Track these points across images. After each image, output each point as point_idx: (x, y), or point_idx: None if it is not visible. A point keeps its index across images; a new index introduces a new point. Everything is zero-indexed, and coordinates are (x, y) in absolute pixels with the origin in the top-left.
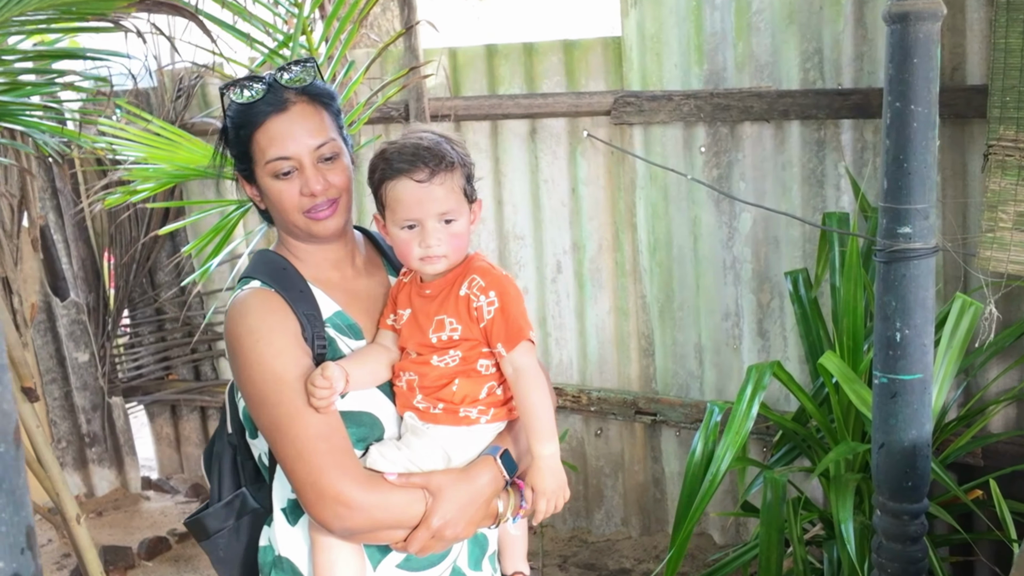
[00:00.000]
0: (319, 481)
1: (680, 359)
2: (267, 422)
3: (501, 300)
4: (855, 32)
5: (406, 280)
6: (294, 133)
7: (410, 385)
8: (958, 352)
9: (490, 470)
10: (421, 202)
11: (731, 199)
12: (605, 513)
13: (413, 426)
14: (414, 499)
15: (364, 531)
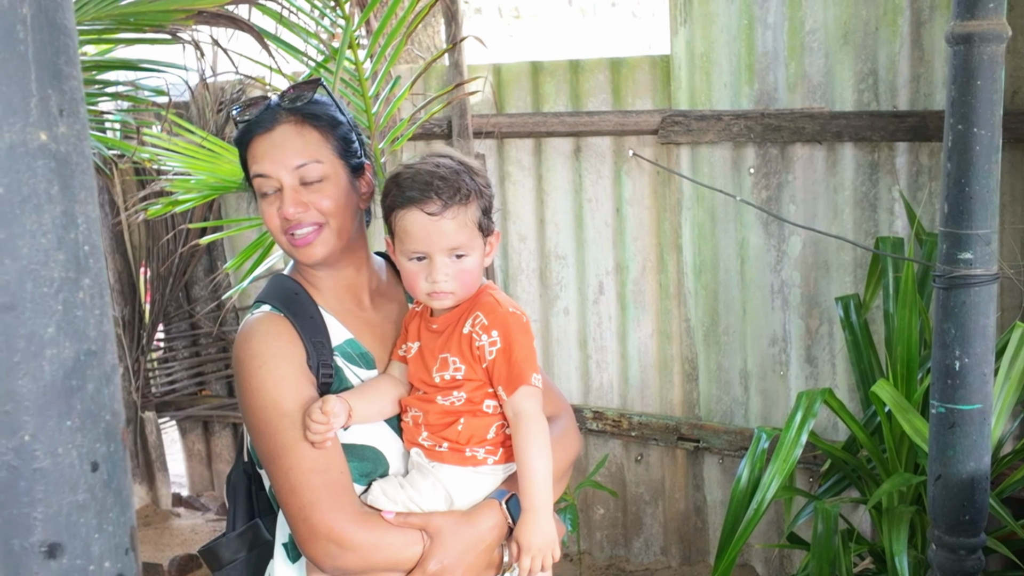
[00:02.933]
0: (311, 516)
1: (725, 385)
2: (264, 452)
3: (504, 340)
4: (911, 53)
5: (418, 309)
6: (274, 153)
7: (416, 421)
8: (1017, 382)
9: (494, 515)
10: (430, 236)
11: (780, 221)
12: (644, 541)
13: (419, 463)
14: (411, 540)
15: (357, 571)
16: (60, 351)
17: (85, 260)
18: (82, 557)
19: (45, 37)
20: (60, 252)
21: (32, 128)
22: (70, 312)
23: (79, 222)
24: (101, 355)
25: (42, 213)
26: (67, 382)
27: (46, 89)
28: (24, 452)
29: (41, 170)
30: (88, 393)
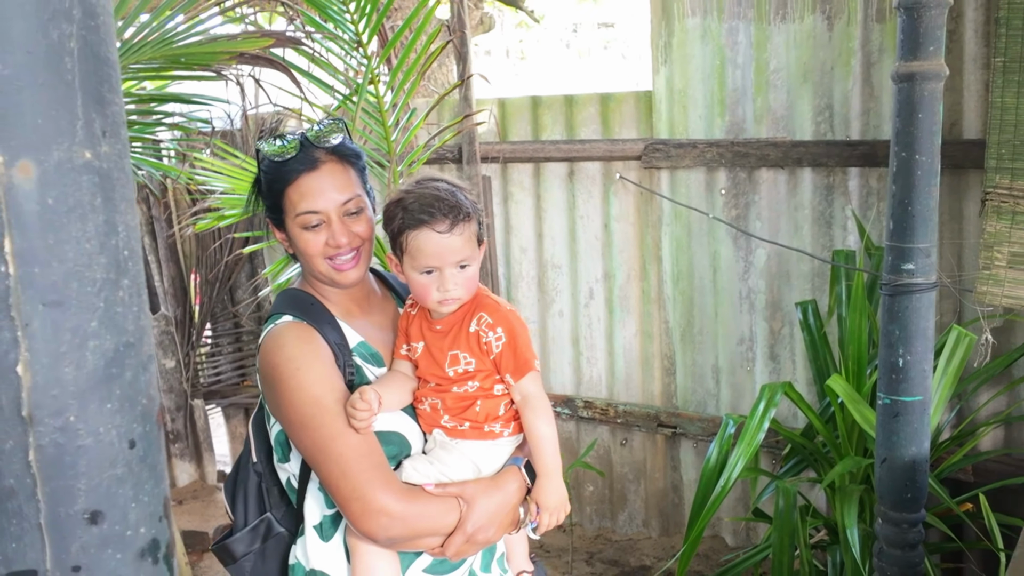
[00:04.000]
0: (365, 495)
1: (699, 378)
2: (309, 443)
3: (508, 335)
4: (863, 90)
5: (413, 312)
6: (323, 190)
7: (434, 408)
8: (953, 378)
9: (516, 479)
10: (442, 252)
11: (748, 236)
12: (628, 515)
13: (442, 442)
14: (450, 508)
15: (405, 539)
16: (102, 343)
17: (124, 263)
18: (120, 524)
19: (90, 68)
20: (102, 256)
21: (78, 147)
22: (111, 309)
23: (119, 230)
24: (138, 347)
25: (86, 222)
26: (108, 370)
27: (90, 113)
28: (69, 431)
29: (86, 184)
30: (126, 380)
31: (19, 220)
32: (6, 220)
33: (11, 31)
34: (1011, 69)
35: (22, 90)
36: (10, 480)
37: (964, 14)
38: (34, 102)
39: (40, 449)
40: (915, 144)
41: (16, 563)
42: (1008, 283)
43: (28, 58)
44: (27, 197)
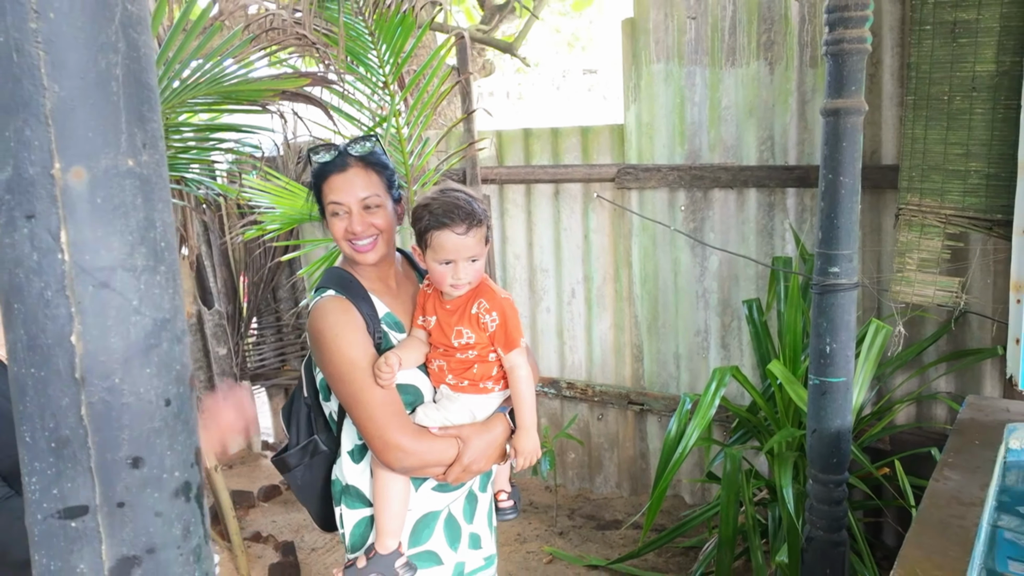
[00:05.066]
0: (384, 435)
1: (662, 364)
2: (344, 393)
3: (501, 318)
4: (798, 123)
5: (429, 291)
6: (348, 187)
7: (441, 368)
8: (873, 363)
9: (502, 424)
10: (458, 249)
11: (703, 245)
12: (603, 478)
13: (447, 394)
14: (450, 445)
15: (415, 468)
16: (142, 319)
17: (161, 253)
18: (157, 468)
19: (132, 91)
20: (142, 246)
21: (122, 156)
22: (150, 291)
23: (157, 225)
24: (173, 323)
25: (129, 218)
26: (147, 341)
27: (133, 128)
28: (115, 391)
29: (128, 187)
30: (163, 349)
31: (73, 216)
32: (62, 216)
33: (67, 61)
34: (920, 106)
35: (76, 109)
36: (66, 431)
37: (882, 60)
38: (86, 119)
39: (90, 406)
40: (840, 168)
41: (71, 500)
42: (917, 284)
43: (81, 83)
44: (80, 197)
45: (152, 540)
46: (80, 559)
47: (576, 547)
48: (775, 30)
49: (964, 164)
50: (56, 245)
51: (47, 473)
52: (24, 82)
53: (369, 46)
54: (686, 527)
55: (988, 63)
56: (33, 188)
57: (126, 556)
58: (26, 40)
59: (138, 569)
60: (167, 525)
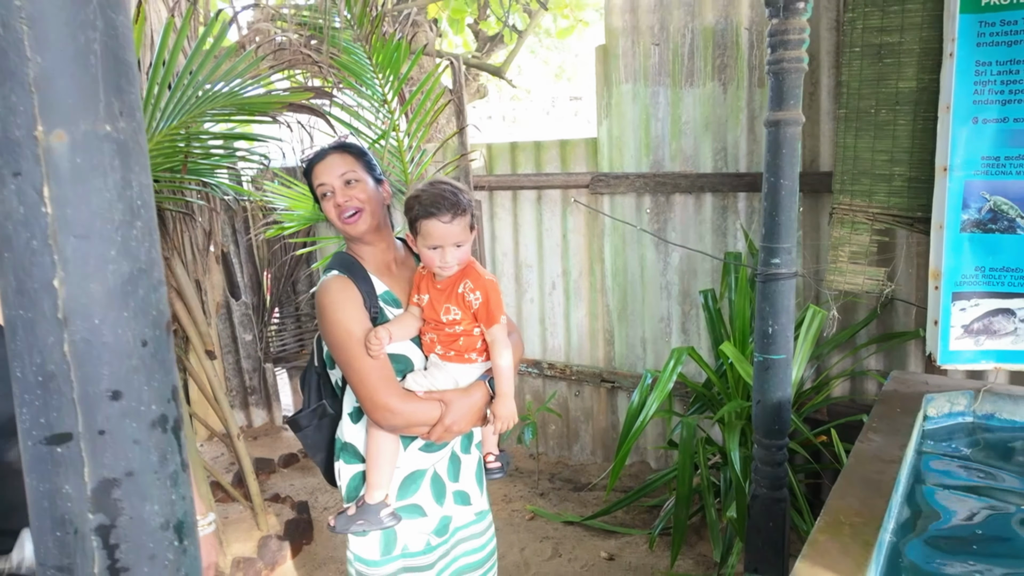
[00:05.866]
0: (375, 397)
1: (630, 347)
2: (341, 360)
3: (484, 297)
4: (748, 136)
5: (424, 273)
6: (327, 169)
7: (431, 340)
8: (811, 343)
9: (482, 390)
10: (444, 235)
11: (666, 243)
12: (580, 447)
13: (436, 363)
14: (434, 407)
15: (402, 427)
16: (119, 267)
17: (138, 210)
18: (136, 401)
19: (110, 65)
20: (119, 203)
21: (100, 122)
22: (127, 243)
23: (133, 185)
24: (149, 272)
25: (106, 177)
26: (124, 287)
27: (110, 98)
28: (95, 331)
29: (106, 149)
30: (140, 296)
31: (55, 173)
32: (45, 173)
33: (48, 35)
34: (851, 118)
35: (57, 78)
36: (51, 366)
37: (820, 81)
38: (66, 87)
39: (73, 343)
40: (780, 172)
41: (57, 428)
42: (849, 273)
43: (61, 55)
44: (61, 157)
45: (131, 465)
46: (65, 480)
47: (555, 506)
48: (727, 55)
49: (889, 169)
50: (40, 200)
51: (35, 404)
52: (10, 54)
53: (369, 69)
54: (649, 488)
55: (909, 80)
56: (19, 148)
57: (107, 478)
58: (11, 16)
59: (118, 490)
60: (145, 452)
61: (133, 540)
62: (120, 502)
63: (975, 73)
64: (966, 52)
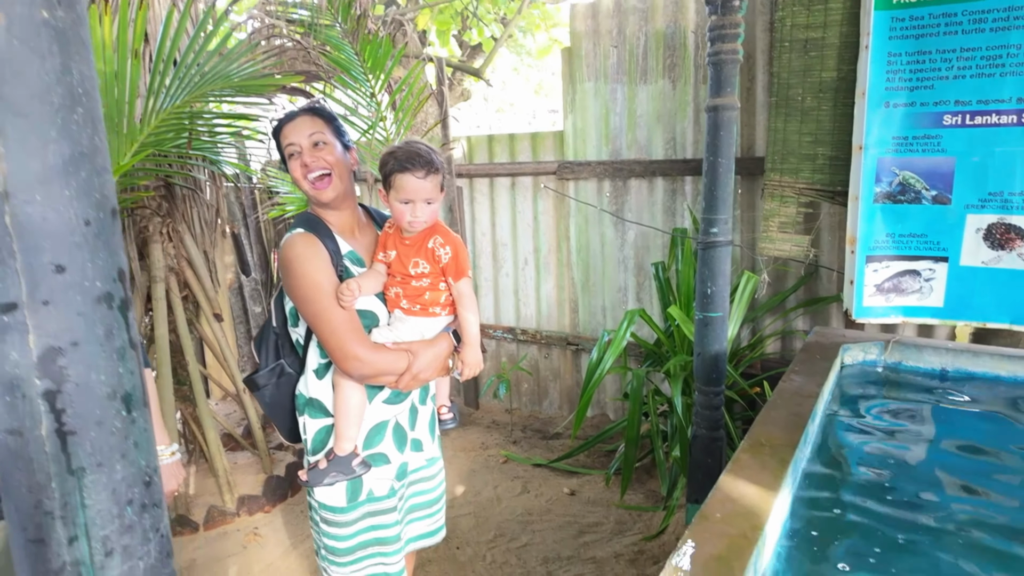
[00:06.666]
0: (345, 347)
1: (592, 314)
2: (311, 313)
3: (453, 252)
4: (694, 127)
5: (390, 231)
6: (296, 129)
7: (396, 295)
8: (745, 303)
9: (446, 341)
10: (416, 190)
11: (623, 221)
12: (549, 402)
13: (400, 317)
14: (401, 357)
15: (371, 376)
16: (60, 148)
17: (79, 97)
18: (79, 276)
19: None
20: (59, 87)
21: (37, 8)
22: (67, 126)
23: (74, 72)
24: (92, 157)
25: (44, 61)
26: (66, 168)
27: None
28: (35, 205)
29: (44, 34)
30: (82, 178)
31: None
32: None
33: None
34: (780, 105)
35: None
36: None
37: (756, 76)
38: None
39: (14, 216)
40: (718, 151)
41: (2, 297)
42: (777, 241)
43: None
44: None
45: (75, 335)
46: (12, 347)
47: (525, 452)
48: (676, 55)
49: (813, 149)
50: None
51: None
52: None
53: (357, 64)
54: (607, 434)
55: (831, 71)
56: None
57: (52, 347)
58: None
59: (63, 358)
60: (90, 325)
61: (79, 406)
62: (65, 370)
63: (887, 63)
64: (880, 44)
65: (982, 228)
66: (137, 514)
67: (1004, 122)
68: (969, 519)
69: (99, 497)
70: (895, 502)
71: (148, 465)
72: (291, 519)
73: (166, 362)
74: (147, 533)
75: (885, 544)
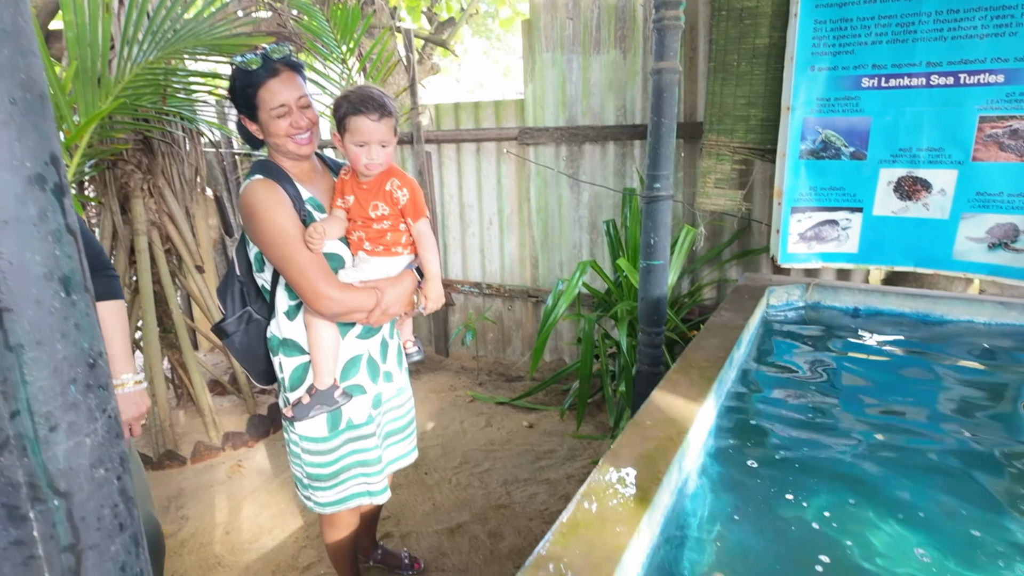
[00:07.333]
0: (316, 287)
1: (551, 269)
2: (279, 256)
3: (411, 193)
4: (643, 95)
5: (347, 178)
6: (285, 89)
7: (360, 239)
8: (684, 254)
9: (411, 277)
10: (370, 132)
11: (579, 183)
12: (512, 348)
13: (365, 259)
14: (370, 295)
15: (342, 314)
16: None
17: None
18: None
19: None
20: None
21: None
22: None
23: None
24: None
25: None
26: None
27: None
28: None
29: None
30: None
31: None
32: None
33: None
34: (718, 70)
35: None
36: None
37: (699, 47)
38: None
39: None
40: (662, 112)
41: None
42: (713, 196)
43: None
44: None
45: (6, 214)
46: None
47: (490, 393)
48: (627, 27)
49: (747, 111)
50: None
51: None
52: None
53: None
54: (563, 374)
55: (763, 38)
56: None
57: None
58: None
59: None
60: (21, 204)
61: (14, 284)
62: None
63: (814, 30)
64: (807, 13)
65: (893, 181)
66: (81, 393)
67: (915, 84)
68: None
69: (40, 374)
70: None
71: (92, 348)
72: (273, 452)
73: (150, 310)
74: (93, 412)
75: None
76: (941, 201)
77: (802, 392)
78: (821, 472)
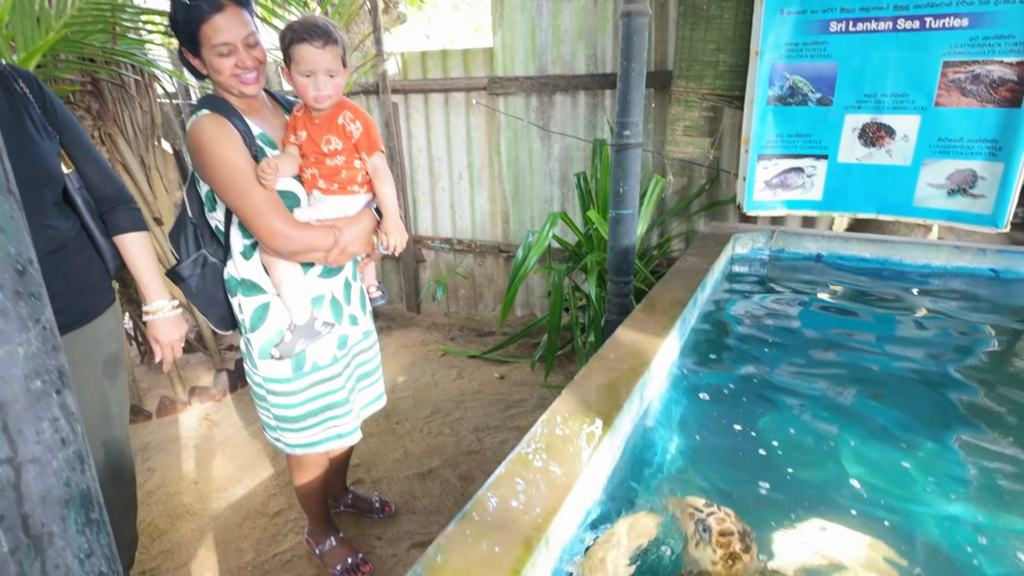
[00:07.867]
0: (271, 225)
1: (522, 224)
2: (232, 193)
3: (364, 126)
4: (613, 43)
5: (299, 114)
6: (231, 27)
7: (313, 176)
8: (654, 204)
9: (369, 216)
10: (316, 60)
11: (550, 134)
12: (483, 304)
13: (319, 197)
14: (327, 234)
15: (300, 252)
16: None
17: None
18: None
19: None
20: None
21: None
22: None
23: None
24: None
25: None
26: None
27: None
28: None
29: None
30: None
31: None
32: None
33: None
34: (687, 14)
35: None
36: None
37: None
38: None
39: None
40: (631, 56)
41: None
42: (682, 144)
43: None
44: None
45: None
46: None
47: (462, 347)
48: None
49: (716, 57)
50: None
51: None
52: None
53: None
54: (533, 327)
55: None
56: None
57: None
58: None
59: None
60: None
61: None
62: None
63: None
64: None
65: (857, 127)
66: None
67: (881, 28)
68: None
69: None
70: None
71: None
72: (242, 406)
73: None
74: (25, 321)
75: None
76: (904, 147)
77: (763, 331)
78: (776, 399)
